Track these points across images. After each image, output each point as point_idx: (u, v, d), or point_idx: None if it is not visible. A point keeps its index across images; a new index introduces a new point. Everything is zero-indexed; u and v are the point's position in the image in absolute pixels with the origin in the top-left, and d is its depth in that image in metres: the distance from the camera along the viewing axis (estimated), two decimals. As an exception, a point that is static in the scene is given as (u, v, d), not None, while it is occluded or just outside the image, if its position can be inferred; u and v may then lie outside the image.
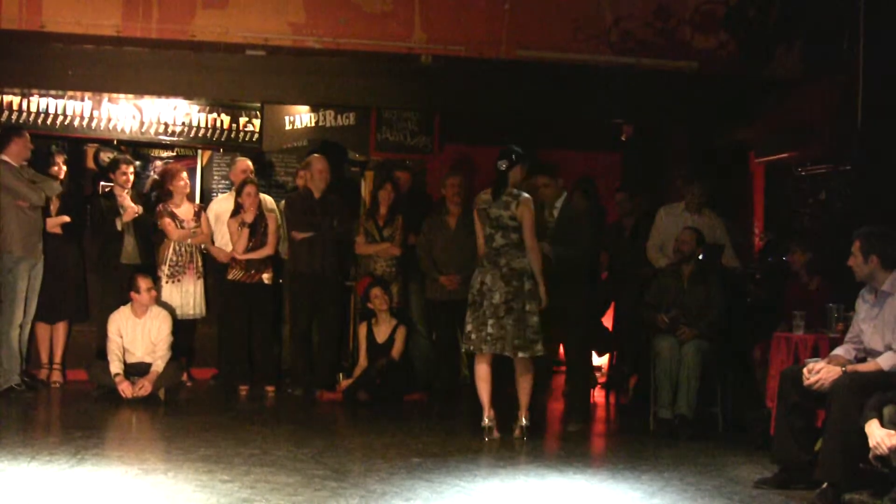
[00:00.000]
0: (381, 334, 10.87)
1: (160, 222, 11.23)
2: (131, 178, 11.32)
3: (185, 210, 11.34)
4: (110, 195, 11.25)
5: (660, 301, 9.85)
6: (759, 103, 11.86)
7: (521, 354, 8.75)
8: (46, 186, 10.60)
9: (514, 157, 8.89)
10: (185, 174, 11.61)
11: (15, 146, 10.46)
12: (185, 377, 11.33)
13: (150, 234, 11.31)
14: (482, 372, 8.91)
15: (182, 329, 11.32)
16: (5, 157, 10.46)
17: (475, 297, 8.86)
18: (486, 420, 8.86)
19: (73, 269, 11.07)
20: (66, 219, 10.84)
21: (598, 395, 12.01)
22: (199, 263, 11.28)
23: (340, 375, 11.04)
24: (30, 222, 10.36)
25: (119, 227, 11.02)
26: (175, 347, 10.76)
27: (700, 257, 9.92)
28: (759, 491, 7.28)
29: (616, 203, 11.86)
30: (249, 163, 11.75)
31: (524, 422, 8.92)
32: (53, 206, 10.79)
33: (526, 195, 8.80)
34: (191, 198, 11.75)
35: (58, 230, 10.76)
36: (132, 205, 11.08)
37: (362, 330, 10.94)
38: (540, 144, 9.64)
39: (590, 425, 9.90)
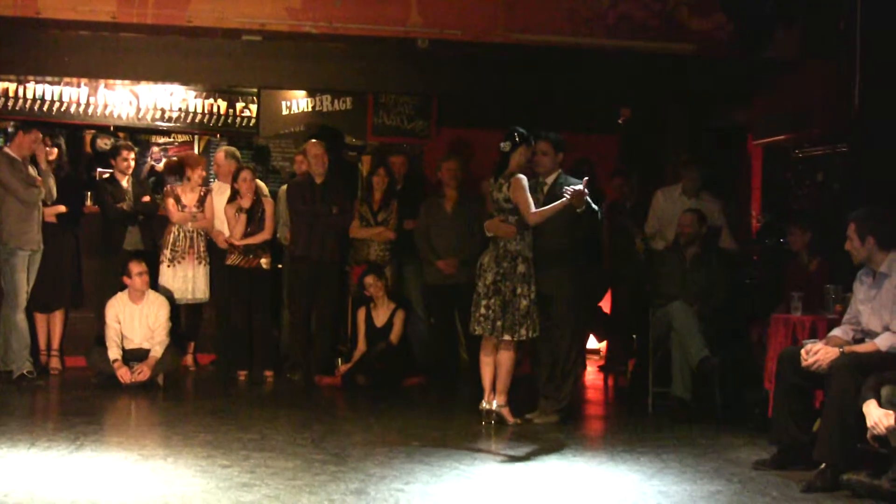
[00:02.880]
0: (380, 319, 10.88)
1: (164, 202, 11.23)
2: (132, 164, 11.32)
3: (191, 196, 11.32)
4: (112, 181, 11.24)
5: (661, 280, 9.94)
6: (757, 85, 11.86)
7: (505, 337, 8.69)
8: (46, 189, 10.56)
9: (517, 138, 8.80)
10: (204, 167, 11.61)
11: (19, 140, 10.44)
12: (190, 361, 11.41)
13: (153, 219, 11.31)
14: (487, 356, 8.90)
15: (189, 314, 11.38)
16: (7, 150, 10.48)
17: (476, 279, 8.86)
18: (485, 404, 8.84)
19: (69, 258, 11.06)
20: (62, 208, 10.80)
21: (596, 377, 12.05)
22: (202, 248, 11.26)
23: (339, 360, 11.05)
24: (26, 213, 10.33)
25: (126, 208, 11.02)
26: (178, 333, 10.81)
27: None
28: (758, 472, 7.32)
29: (613, 188, 11.87)
30: (222, 154, 11.61)
31: (496, 405, 8.81)
32: (48, 199, 10.74)
33: (518, 175, 8.70)
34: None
35: (53, 219, 10.74)
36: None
37: (361, 314, 10.95)
38: (537, 127, 9.63)
39: (565, 421, 9.17)
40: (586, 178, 8.70)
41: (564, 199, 8.56)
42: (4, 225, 10.27)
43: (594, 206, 8.75)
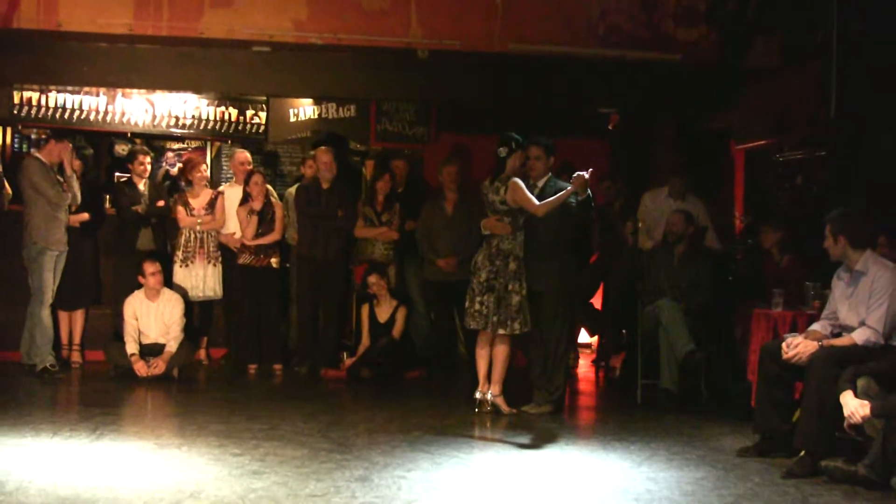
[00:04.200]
0: (383, 315, 10.88)
1: (174, 210, 11.27)
2: (148, 168, 11.35)
3: (200, 199, 11.34)
4: (130, 184, 11.26)
5: (650, 277, 9.96)
6: (739, 92, 11.87)
7: (500, 331, 8.73)
8: (72, 195, 10.57)
9: (513, 144, 8.86)
10: (203, 166, 11.60)
11: (49, 147, 10.50)
12: (203, 355, 11.42)
13: (165, 221, 11.33)
14: (482, 348, 8.92)
15: (202, 311, 11.39)
16: (38, 155, 10.51)
17: (471, 276, 8.88)
18: (479, 393, 8.87)
19: (90, 260, 11.07)
20: (86, 216, 10.79)
21: (588, 370, 12.04)
22: (212, 248, 11.27)
23: (345, 354, 11.04)
24: (53, 216, 10.35)
25: (141, 211, 11.04)
26: (191, 328, 10.81)
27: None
28: (741, 459, 7.33)
29: (602, 191, 11.85)
30: (248, 154, 11.74)
31: (491, 395, 8.86)
32: (73, 205, 10.75)
33: (513, 178, 8.73)
34: (210, 185, 11.71)
35: (77, 224, 10.74)
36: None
37: (364, 311, 10.95)
38: (531, 133, 9.67)
39: (558, 411, 9.13)
40: (591, 168, 8.80)
41: (569, 187, 8.69)
42: (33, 226, 10.30)
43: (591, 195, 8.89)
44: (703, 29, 11.11)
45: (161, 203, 11.21)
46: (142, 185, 11.22)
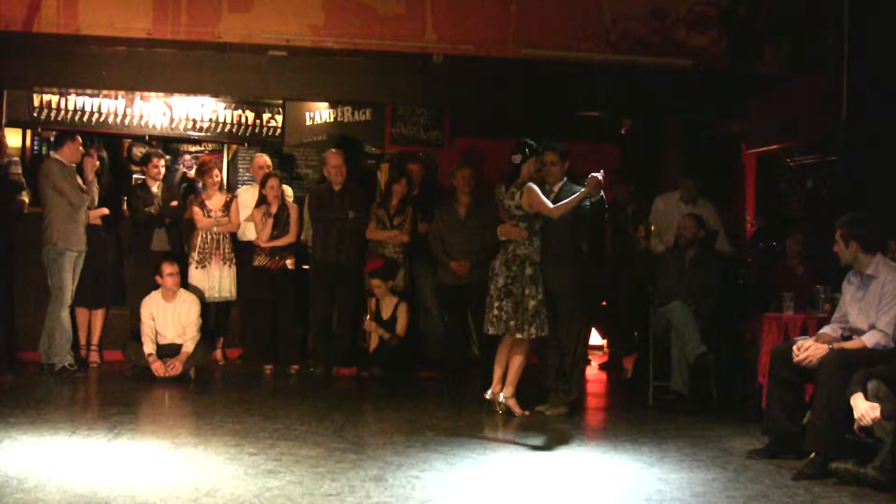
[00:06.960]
0: (385, 311, 10.88)
1: (191, 211, 11.31)
2: (162, 170, 11.39)
3: (215, 200, 11.39)
4: (144, 186, 11.30)
5: (661, 280, 9.95)
6: (750, 97, 11.85)
7: (517, 336, 8.73)
8: (90, 196, 10.63)
9: (527, 150, 8.87)
10: (216, 171, 11.64)
11: (67, 148, 10.55)
12: (219, 356, 11.46)
13: (180, 223, 11.37)
14: (502, 353, 8.93)
15: (218, 311, 11.42)
16: (57, 156, 10.55)
17: (489, 282, 8.89)
18: (489, 394, 8.89)
19: (112, 258, 11.11)
20: (106, 211, 10.89)
21: (600, 372, 12.01)
22: (227, 250, 11.31)
23: (367, 317, 11.01)
24: (72, 216, 10.39)
25: (154, 212, 11.07)
26: (207, 329, 10.82)
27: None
28: (751, 461, 7.31)
29: (614, 194, 11.84)
30: (267, 158, 11.79)
31: (503, 397, 8.87)
32: (91, 206, 10.80)
33: (528, 184, 8.76)
34: (223, 189, 11.76)
35: (98, 221, 10.80)
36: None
37: (372, 303, 10.96)
38: (544, 137, 9.68)
39: (572, 413, 9.17)
40: (602, 170, 8.81)
41: (583, 189, 8.68)
42: (53, 226, 10.35)
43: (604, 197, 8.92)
44: (714, 35, 11.10)
45: (175, 203, 11.25)
46: (155, 188, 11.25)
